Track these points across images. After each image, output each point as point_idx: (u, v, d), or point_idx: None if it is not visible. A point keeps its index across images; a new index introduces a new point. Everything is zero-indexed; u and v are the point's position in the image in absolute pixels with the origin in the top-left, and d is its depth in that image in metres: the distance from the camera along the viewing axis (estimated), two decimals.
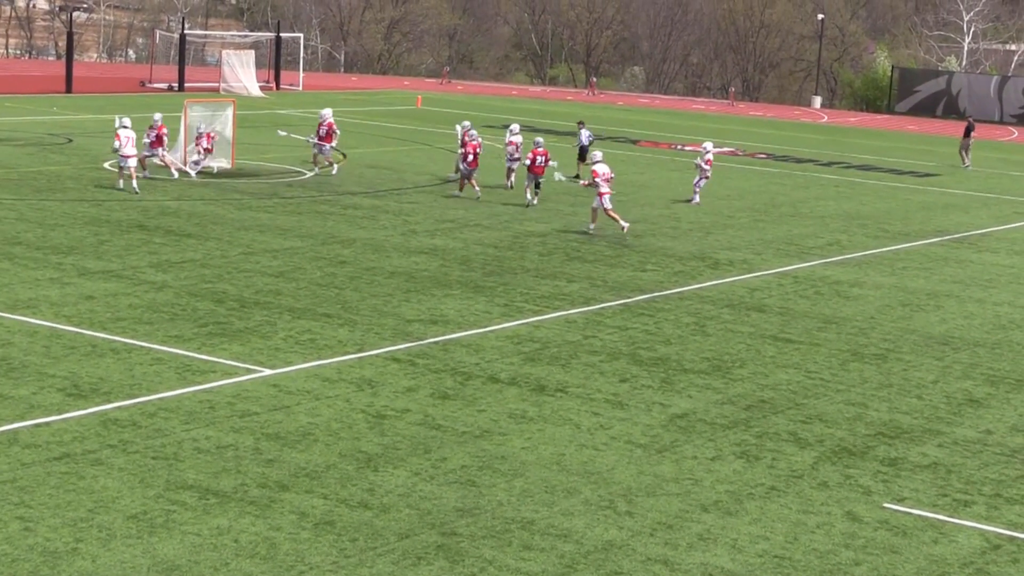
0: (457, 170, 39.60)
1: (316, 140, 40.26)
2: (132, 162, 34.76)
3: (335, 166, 40.22)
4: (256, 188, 36.96)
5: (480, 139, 38.76)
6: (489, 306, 24.19)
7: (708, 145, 40.03)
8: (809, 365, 21.56)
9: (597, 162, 33.01)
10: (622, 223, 32.60)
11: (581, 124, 45.15)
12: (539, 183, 37.25)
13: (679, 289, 26.95)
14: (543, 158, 36.76)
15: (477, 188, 37.65)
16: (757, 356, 21.92)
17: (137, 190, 34.57)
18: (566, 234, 32.45)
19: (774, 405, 19.17)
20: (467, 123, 40.72)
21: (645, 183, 44.00)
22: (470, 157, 37.54)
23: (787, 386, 20.22)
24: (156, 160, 37.20)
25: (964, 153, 57.69)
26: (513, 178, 40.17)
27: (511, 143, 40.32)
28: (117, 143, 34.48)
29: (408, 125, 56.66)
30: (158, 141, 36.89)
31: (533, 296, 25.27)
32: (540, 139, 38.80)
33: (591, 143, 43.93)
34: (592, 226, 32.81)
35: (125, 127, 34.57)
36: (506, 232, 32.27)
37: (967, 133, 58.04)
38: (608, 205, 32.49)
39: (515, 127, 41.23)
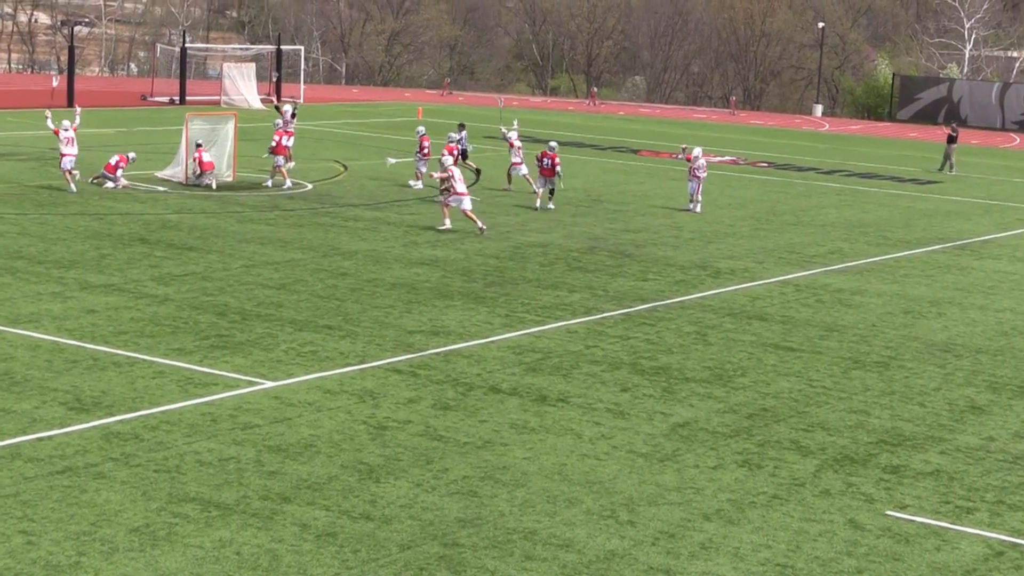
0: (418, 176, 40.93)
1: (269, 152, 40.17)
2: (67, 162, 36.70)
3: (271, 180, 39.97)
4: (257, 201, 37.03)
5: (461, 144, 39.92)
6: (490, 317, 24.22)
7: (698, 151, 40.04)
8: (811, 373, 21.58)
9: (451, 164, 33.99)
10: (480, 224, 33.19)
11: (462, 126, 45.61)
12: (552, 189, 38.10)
13: (680, 298, 26.97)
14: (550, 160, 37.70)
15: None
16: (759, 364, 21.94)
17: (74, 190, 36.57)
18: (567, 244, 32.49)
19: (776, 413, 19.19)
20: (421, 129, 42.15)
21: (646, 192, 44.05)
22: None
23: (789, 394, 20.24)
24: (110, 184, 37.64)
25: (949, 160, 57.76)
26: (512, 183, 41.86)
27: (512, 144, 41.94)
28: (55, 130, 37.18)
29: (409, 137, 56.61)
30: (113, 168, 37.90)
31: (534, 306, 25.29)
32: (554, 143, 39.36)
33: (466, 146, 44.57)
34: (447, 222, 33.57)
35: (65, 129, 36.80)
36: (507, 243, 32.32)
37: (950, 140, 58.14)
38: (467, 206, 33.13)
39: (514, 123, 43.61)
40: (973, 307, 27.90)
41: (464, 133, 44.50)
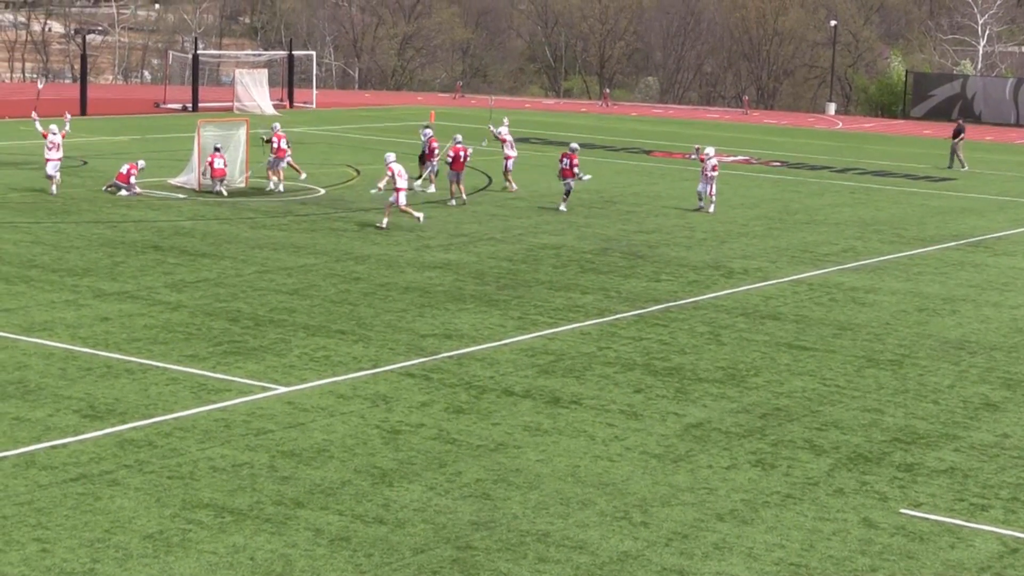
0: (431, 180, 41.26)
1: (272, 157, 40.22)
2: (50, 167, 37.51)
3: (281, 183, 40.08)
4: (270, 206, 37.11)
5: (469, 147, 40.45)
6: (503, 319, 24.24)
7: (710, 151, 40.00)
8: (824, 372, 21.56)
9: (392, 161, 34.23)
10: (416, 214, 33.99)
11: (427, 127, 45.96)
12: (568, 191, 38.27)
13: (693, 299, 26.97)
14: (569, 161, 38.04)
15: (464, 195, 39.22)
16: (772, 364, 21.92)
17: (55, 192, 37.51)
18: (580, 246, 32.50)
19: (789, 413, 19.18)
20: (429, 131, 42.70)
21: (658, 193, 44.04)
22: (449, 159, 39.15)
23: (802, 393, 20.22)
24: (124, 192, 37.82)
25: (957, 156, 57.60)
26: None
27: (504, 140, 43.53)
28: (43, 133, 37.86)
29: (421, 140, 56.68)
30: (125, 176, 38.14)
31: (547, 308, 25.31)
32: (575, 145, 39.56)
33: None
34: (386, 221, 33.76)
35: (54, 133, 37.63)
36: (519, 245, 32.34)
37: (956, 135, 57.97)
38: (403, 202, 33.58)
39: (504, 120, 45.72)
40: (987, 304, 27.84)
41: (430, 132, 44.39)
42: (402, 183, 33.74)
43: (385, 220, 33.74)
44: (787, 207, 42.09)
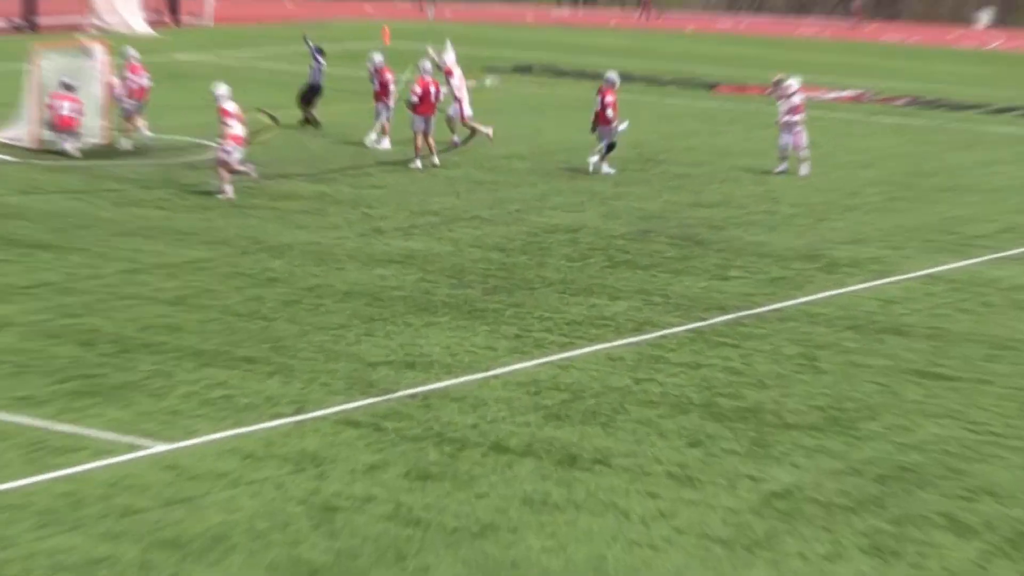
0: (384, 131, 42.22)
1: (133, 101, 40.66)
2: None
3: (147, 129, 40.98)
4: (143, 173, 37.18)
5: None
6: (492, 338, 24.30)
7: (792, 83, 39.99)
8: (973, 413, 21.61)
9: (227, 98, 35.50)
10: (253, 173, 35.66)
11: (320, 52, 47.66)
12: (613, 143, 38.28)
13: (778, 305, 27.06)
14: (601, 99, 38.13)
15: (435, 153, 39.85)
16: (895, 402, 21.98)
17: None
18: (607, 228, 32.55)
19: (921, 474, 19.23)
20: (378, 58, 42.95)
21: (727, 148, 44.18)
22: (415, 99, 39.45)
23: (940, 445, 20.27)
24: None
25: None
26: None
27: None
28: None
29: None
30: None
31: (558, 322, 25.39)
32: (612, 74, 39.39)
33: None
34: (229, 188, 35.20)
35: None
36: (517, 227, 32.42)
37: None
38: (237, 158, 34.93)
39: (448, 43, 43.64)
40: None
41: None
42: (238, 129, 34.60)
43: (228, 187, 34.74)
44: (918, 166, 42.22)
